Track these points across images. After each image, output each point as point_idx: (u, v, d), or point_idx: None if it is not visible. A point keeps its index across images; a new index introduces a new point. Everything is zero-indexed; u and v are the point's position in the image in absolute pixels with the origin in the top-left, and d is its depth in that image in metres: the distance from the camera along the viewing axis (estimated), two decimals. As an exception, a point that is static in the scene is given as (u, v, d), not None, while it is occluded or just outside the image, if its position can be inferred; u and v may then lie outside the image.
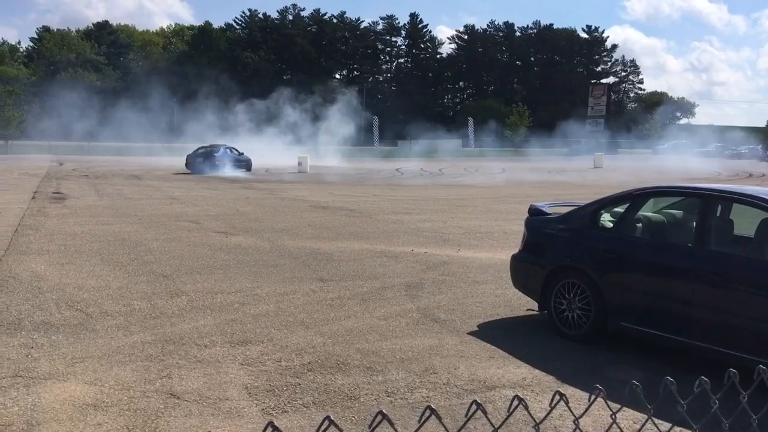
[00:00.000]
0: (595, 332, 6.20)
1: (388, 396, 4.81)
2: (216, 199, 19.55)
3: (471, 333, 6.48)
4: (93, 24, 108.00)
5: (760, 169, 43.94)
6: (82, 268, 9.19)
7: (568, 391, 4.94)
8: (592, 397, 1.56)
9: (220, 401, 4.64)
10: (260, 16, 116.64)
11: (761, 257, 5.53)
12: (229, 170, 33.18)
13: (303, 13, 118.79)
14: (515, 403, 1.51)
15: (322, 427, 1.21)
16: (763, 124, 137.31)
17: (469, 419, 1.47)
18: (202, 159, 34.00)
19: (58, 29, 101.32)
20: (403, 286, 8.43)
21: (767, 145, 69.41)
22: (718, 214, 5.93)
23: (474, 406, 1.35)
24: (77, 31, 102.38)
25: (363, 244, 11.58)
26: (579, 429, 1.61)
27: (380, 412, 1.23)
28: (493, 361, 5.68)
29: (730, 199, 5.95)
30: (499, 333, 6.53)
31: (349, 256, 10.39)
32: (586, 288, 6.25)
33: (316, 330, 6.42)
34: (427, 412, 1.30)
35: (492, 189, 26.24)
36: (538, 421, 1.57)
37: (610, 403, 1.65)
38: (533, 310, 7.08)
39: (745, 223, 6.09)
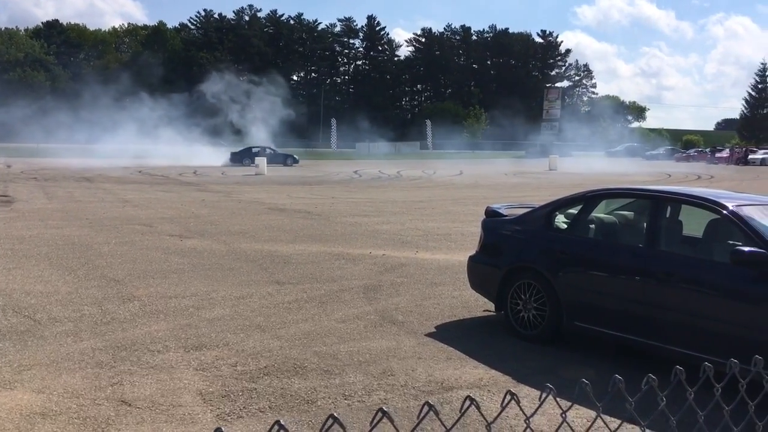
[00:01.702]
0: (551, 332, 6.28)
1: (345, 399, 4.78)
2: (170, 202, 19.22)
3: (428, 334, 6.50)
4: (42, 23, 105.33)
5: (709, 172, 45.26)
6: (30, 272, 8.91)
7: (524, 390, 5.00)
8: (543, 396, 1.57)
9: (173, 408, 4.54)
10: (216, 16, 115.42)
11: (709, 257, 5.68)
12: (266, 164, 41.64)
13: (259, 14, 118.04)
14: (467, 403, 1.51)
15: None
16: (710, 128, 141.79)
17: (420, 421, 1.47)
18: (243, 156, 45.71)
19: (6, 28, 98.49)
20: (360, 288, 8.40)
21: (715, 148, 71.57)
22: (667, 216, 6.07)
23: (426, 408, 1.35)
24: (26, 30, 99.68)
25: (321, 247, 11.52)
26: (530, 428, 1.62)
27: (331, 416, 1.21)
28: (450, 362, 5.70)
29: (679, 200, 6.10)
30: (456, 334, 6.56)
31: (306, 259, 10.32)
32: (541, 288, 6.33)
33: (273, 333, 6.35)
34: (380, 415, 1.29)
35: (450, 191, 26.41)
36: (489, 422, 1.57)
37: (561, 401, 1.66)
38: (490, 311, 7.13)
39: (693, 224, 6.25)
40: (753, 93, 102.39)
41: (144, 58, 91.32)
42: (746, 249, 4.95)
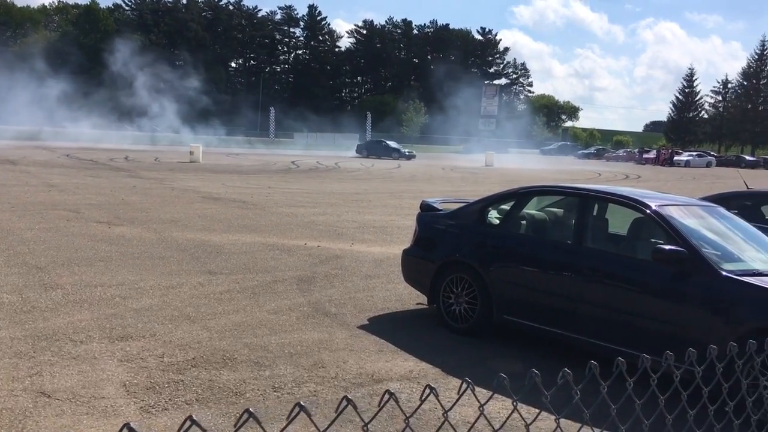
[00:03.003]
0: (481, 325, 6.38)
1: (274, 391, 4.74)
2: (99, 188, 18.59)
3: (361, 327, 6.51)
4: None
5: (636, 172, 46.89)
6: (-55, 258, 8.47)
7: (452, 382, 5.07)
8: (462, 390, 1.60)
9: (95, 400, 4.40)
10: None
11: (632, 254, 5.89)
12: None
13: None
14: (386, 397, 1.52)
15: (184, 427, 1.16)
16: (639, 129, 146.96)
17: (338, 415, 1.47)
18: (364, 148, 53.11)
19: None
20: (294, 279, 8.34)
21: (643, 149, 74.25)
22: (594, 213, 6.26)
23: (344, 402, 1.35)
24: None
25: (255, 237, 11.37)
26: (448, 422, 1.65)
27: (246, 410, 1.19)
28: (381, 354, 5.73)
29: (606, 199, 6.30)
30: (389, 327, 6.60)
31: (240, 249, 10.17)
32: (473, 282, 6.42)
33: (203, 324, 6.23)
34: (297, 409, 1.28)
35: (387, 184, 26.50)
36: (408, 416, 1.59)
37: (482, 394, 1.69)
38: (423, 304, 7.20)
39: (619, 222, 6.46)
40: (680, 97, 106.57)
41: (70, 38, 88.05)
42: (667, 247, 5.15)
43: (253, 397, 4.59)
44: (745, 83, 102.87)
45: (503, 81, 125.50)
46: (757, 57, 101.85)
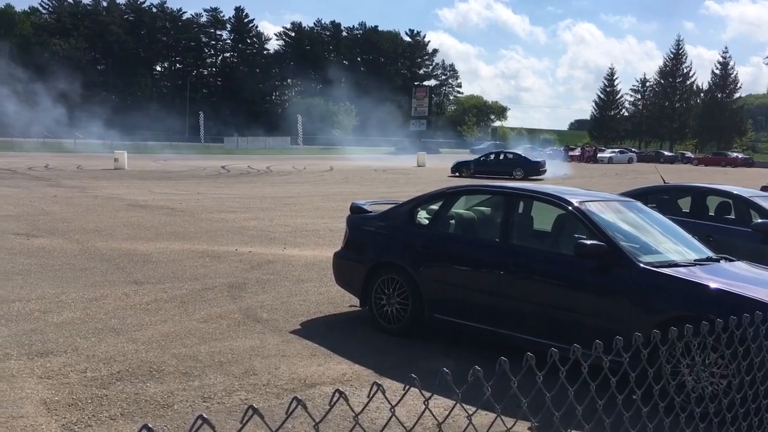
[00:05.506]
0: (413, 325, 6.43)
1: (204, 401, 4.64)
2: (17, 198, 17.79)
3: (293, 332, 6.45)
4: None
5: (562, 170, 48.20)
6: None
7: (386, 383, 5.07)
8: (407, 386, 1.61)
9: (13, 419, 4.21)
10: (70, 0, 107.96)
11: (557, 250, 6.06)
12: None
13: (119, 0, 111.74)
14: (336, 396, 1.51)
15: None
16: (564, 128, 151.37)
17: (289, 416, 1.45)
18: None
19: None
20: (225, 286, 8.20)
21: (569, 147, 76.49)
22: (520, 211, 6.41)
23: (294, 403, 1.33)
24: None
25: (184, 244, 11.12)
26: (395, 416, 1.65)
27: (200, 416, 1.16)
28: (314, 358, 5.70)
29: (531, 197, 6.45)
30: (321, 330, 6.57)
31: (168, 257, 9.93)
32: (404, 283, 6.46)
33: (128, 336, 6.05)
34: (250, 412, 1.26)
35: (320, 186, 26.38)
36: (357, 413, 1.59)
37: (423, 391, 1.70)
38: (356, 306, 7.19)
39: (544, 219, 6.63)
40: (602, 96, 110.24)
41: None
42: (588, 242, 5.32)
43: (181, 409, 4.48)
44: (662, 81, 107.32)
45: (433, 82, 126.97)
46: (672, 56, 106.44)
